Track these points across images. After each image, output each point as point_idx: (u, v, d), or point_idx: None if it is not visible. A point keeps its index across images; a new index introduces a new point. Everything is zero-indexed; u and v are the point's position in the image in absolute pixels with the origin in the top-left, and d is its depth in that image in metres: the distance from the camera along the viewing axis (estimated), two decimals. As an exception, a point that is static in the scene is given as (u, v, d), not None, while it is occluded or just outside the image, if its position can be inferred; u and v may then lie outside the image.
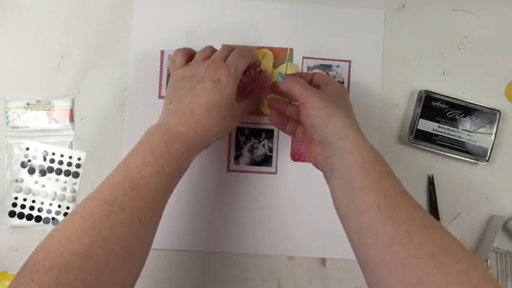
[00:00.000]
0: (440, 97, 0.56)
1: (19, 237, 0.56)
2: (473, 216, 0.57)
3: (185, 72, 0.48)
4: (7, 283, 0.56)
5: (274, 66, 0.57)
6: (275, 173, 0.57)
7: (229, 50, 0.50)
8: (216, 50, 0.51)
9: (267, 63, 0.57)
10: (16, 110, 0.57)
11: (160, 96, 0.57)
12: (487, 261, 0.55)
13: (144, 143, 0.44)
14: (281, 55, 0.58)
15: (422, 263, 0.33)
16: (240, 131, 0.57)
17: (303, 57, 0.58)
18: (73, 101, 0.57)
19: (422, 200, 0.57)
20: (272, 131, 0.57)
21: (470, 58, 0.58)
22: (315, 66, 0.58)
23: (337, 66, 0.58)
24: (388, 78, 0.58)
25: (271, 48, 0.57)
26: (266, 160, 0.57)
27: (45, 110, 0.57)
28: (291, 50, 0.58)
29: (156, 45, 0.57)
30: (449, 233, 0.36)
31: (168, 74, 0.57)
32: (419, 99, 0.57)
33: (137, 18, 0.58)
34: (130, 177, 0.41)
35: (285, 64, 0.57)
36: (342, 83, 0.58)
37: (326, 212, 0.57)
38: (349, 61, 0.58)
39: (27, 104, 0.57)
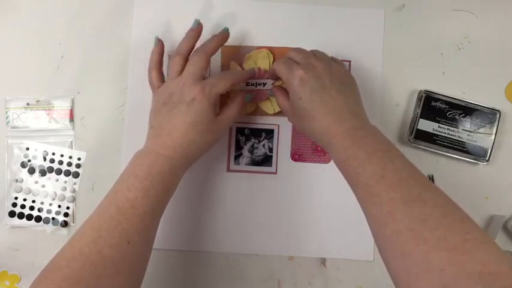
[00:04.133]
0: (440, 97, 0.56)
1: (19, 237, 0.56)
2: (473, 216, 0.56)
3: (162, 95, 0.49)
4: (7, 283, 0.56)
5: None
6: (275, 173, 0.57)
7: (202, 58, 0.49)
8: (188, 55, 0.50)
9: (266, 63, 0.57)
10: (16, 110, 0.57)
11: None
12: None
13: (129, 168, 0.46)
14: (281, 55, 0.57)
15: (404, 238, 0.38)
16: (240, 131, 0.57)
17: (303, 57, 0.58)
18: (73, 101, 0.57)
19: (422, 200, 0.57)
20: (272, 131, 0.57)
21: (470, 58, 0.58)
22: (315, 66, 0.58)
23: (337, 66, 0.58)
24: (388, 78, 0.58)
25: (270, 48, 0.57)
26: (266, 160, 0.57)
27: (45, 110, 0.57)
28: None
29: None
30: (431, 201, 0.39)
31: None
32: (419, 99, 0.57)
33: (137, 18, 0.58)
34: (116, 202, 0.43)
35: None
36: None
37: (326, 212, 0.57)
38: (349, 61, 0.58)
39: (27, 104, 0.57)
